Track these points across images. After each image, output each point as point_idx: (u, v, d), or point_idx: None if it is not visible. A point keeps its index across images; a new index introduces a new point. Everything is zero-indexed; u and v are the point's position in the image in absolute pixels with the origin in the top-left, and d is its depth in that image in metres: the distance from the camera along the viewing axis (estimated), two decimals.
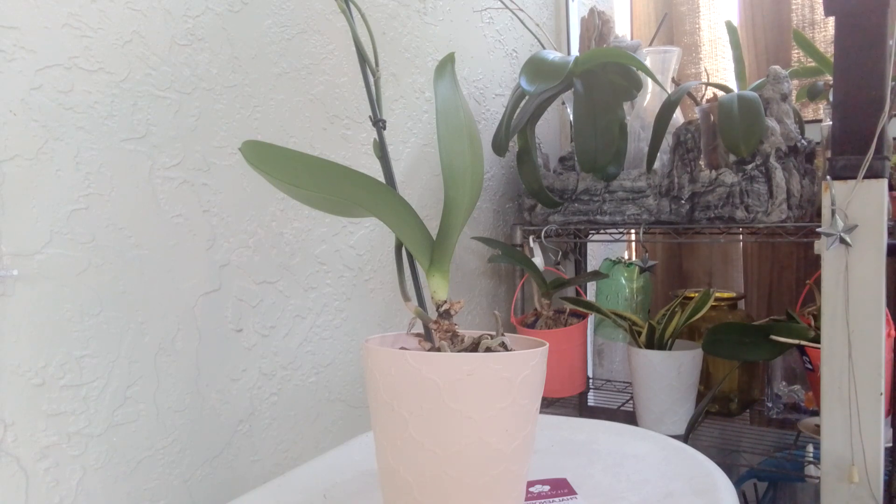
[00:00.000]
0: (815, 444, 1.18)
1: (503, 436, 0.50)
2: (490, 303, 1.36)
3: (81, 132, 0.68)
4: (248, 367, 0.86)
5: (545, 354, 0.52)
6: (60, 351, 0.67)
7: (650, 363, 1.19)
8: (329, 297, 0.97)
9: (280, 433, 0.90)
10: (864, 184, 0.87)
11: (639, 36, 1.77)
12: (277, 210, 0.89)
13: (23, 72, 0.63)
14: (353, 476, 0.68)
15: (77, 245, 0.68)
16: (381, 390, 0.50)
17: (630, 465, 0.69)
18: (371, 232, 1.04)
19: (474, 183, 0.54)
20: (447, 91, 0.56)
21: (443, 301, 0.54)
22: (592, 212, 1.26)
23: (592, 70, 1.15)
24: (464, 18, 1.26)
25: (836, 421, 0.90)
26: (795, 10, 1.57)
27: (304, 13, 0.92)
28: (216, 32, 0.81)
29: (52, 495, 0.66)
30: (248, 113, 0.85)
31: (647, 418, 1.22)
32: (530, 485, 0.63)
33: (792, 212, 1.09)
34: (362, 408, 1.02)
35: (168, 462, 0.77)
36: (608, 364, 1.73)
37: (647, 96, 1.35)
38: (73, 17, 0.67)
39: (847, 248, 0.87)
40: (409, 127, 1.12)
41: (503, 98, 1.38)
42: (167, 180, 0.76)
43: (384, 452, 0.52)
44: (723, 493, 0.61)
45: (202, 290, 0.80)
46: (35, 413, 0.65)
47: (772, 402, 1.35)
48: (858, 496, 0.89)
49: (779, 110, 1.11)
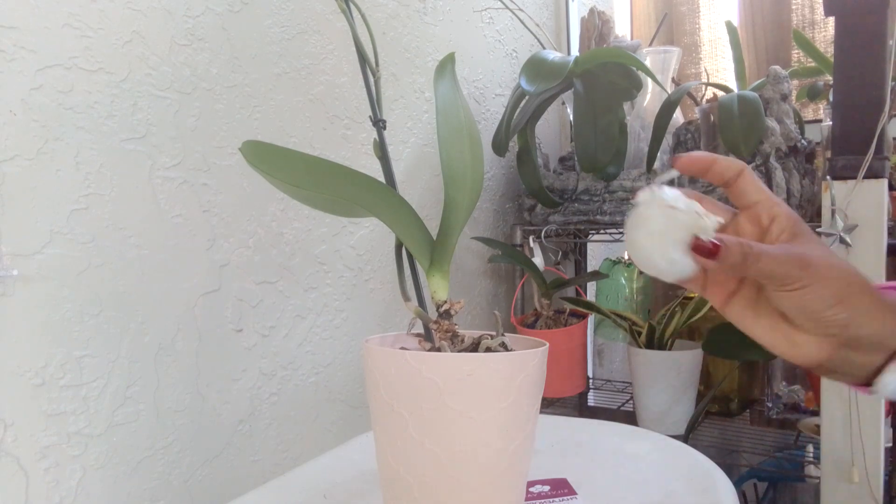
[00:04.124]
0: (815, 444, 1.18)
1: (503, 436, 0.50)
2: (490, 303, 1.36)
3: (81, 132, 0.68)
4: (248, 367, 0.86)
5: (545, 354, 0.52)
6: (60, 351, 0.67)
7: (650, 363, 1.19)
8: (329, 297, 0.97)
9: (280, 433, 0.90)
10: (864, 184, 0.87)
11: (639, 36, 1.77)
12: (277, 210, 0.89)
13: (23, 72, 0.63)
14: (353, 476, 0.68)
15: (77, 245, 0.68)
16: (381, 390, 0.50)
17: (630, 465, 0.69)
18: (371, 232, 1.04)
19: (474, 183, 0.54)
20: (447, 91, 0.56)
21: (443, 301, 0.54)
22: (592, 212, 1.26)
23: (592, 70, 1.15)
24: (464, 18, 1.26)
25: (836, 421, 0.90)
26: (795, 10, 1.57)
27: (304, 13, 0.92)
28: (216, 32, 0.81)
29: (52, 495, 0.66)
30: (248, 113, 0.85)
31: (647, 418, 1.22)
32: (530, 485, 0.63)
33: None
34: (362, 408, 1.02)
35: (168, 462, 0.77)
36: (608, 364, 1.73)
37: (647, 96, 1.35)
38: (73, 17, 0.67)
39: (847, 248, 0.87)
40: (409, 127, 1.12)
41: (503, 98, 1.38)
42: (167, 180, 0.76)
43: (384, 452, 0.52)
44: (723, 493, 0.61)
45: (202, 290, 0.80)
46: (35, 413, 0.65)
47: (772, 402, 1.35)
48: (858, 496, 0.89)
49: (779, 110, 1.11)
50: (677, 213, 0.40)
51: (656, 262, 0.41)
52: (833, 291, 0.39)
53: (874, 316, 0.40)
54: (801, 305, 0.40)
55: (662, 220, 0.40)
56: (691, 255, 0.40)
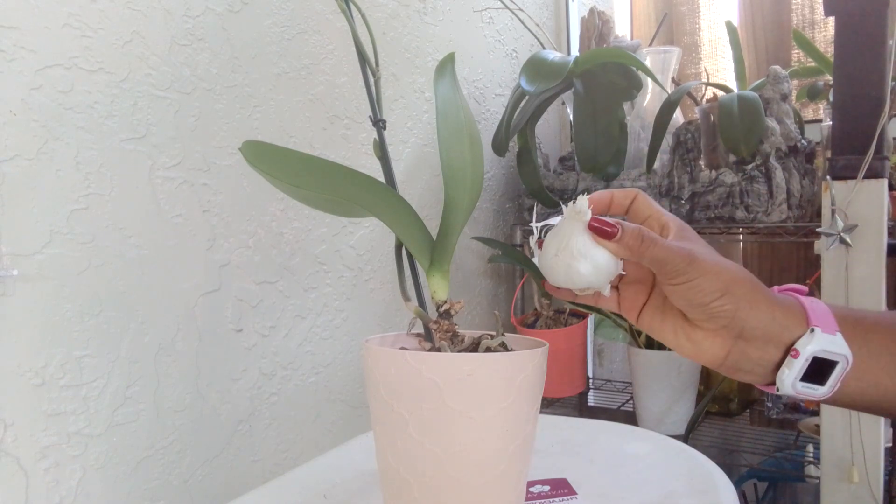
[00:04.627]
0: (815, 444, 1.18)
1: (503, 436, 0.50)
2: (490, 303, 1.36)
3: (81, 132, 0.68)
4: (248, 367, 0.86)
5: (545, 354, 0.52)
6: (60, 351, 0.67)
7: (650, 363, 1.19)
8: (329, 297, 0.97)
9: (280, 433, 0.90)
10: (864, 184, 0.87)
11: (639, 36, 1.77)
12: (277, 210, 0.89)
13: (23, 72, 0.63)
14: (353, 476, 0.68)
15: (77, 245, 0.68)
16: (381, 390, 0.50)
17: (630, 465, 0.69)
18: (371, 232, 1.03)
19: (474, 183, 0.54)
20: (447, 91, 0.56)
21: (443, 301, 0.54)
22: None
23: (592, 70, 1.15)
24: (464, 18, 1.26)
25: (836, 421, 0.90)
26: (795, 10, 1.57)
27: (304, 13, 0.92)
28: (216, 32, 0.81)
29: (52, 495, 0.66)
30: (248, 113, 0.85)
31: (647, 418, 1.22)
32: (530, 485, 0.63)
33: (792, 212, 1.09)
34: (362, 408, 1.02)
35: (168, 462, 0.77)
36: (608, 364, 1.73)
37: (647, 96, 1.35)
38: (73, 17, 0.67)
39: (847, 248, 0.87)
40: (409, 127, 1.12)
41: (503, 98, 1.38)
42: (167, 180, 0.76)
43: (384, 452, 0.52)
44: (723, 493, 0.61)
45: (202, 290, 0.80)
46: (35, 413, 0.65)
47: (772, 402, 1.35)
48: (858, 496, 0.89)
49: (779, 110, 1.11)
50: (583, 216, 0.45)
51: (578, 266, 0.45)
52: (717, 285, 0.43)
53: (761, 308, 0.44)
54: (689, 298, 0.44)
55: (569, 226, 0.45)
56: (591, 236, 0.45)
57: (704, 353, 0.45)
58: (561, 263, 0.45)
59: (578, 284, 0.46)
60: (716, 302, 0.43)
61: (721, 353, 0.45)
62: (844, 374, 0.44)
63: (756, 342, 0.44)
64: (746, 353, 0.45)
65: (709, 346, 0.45)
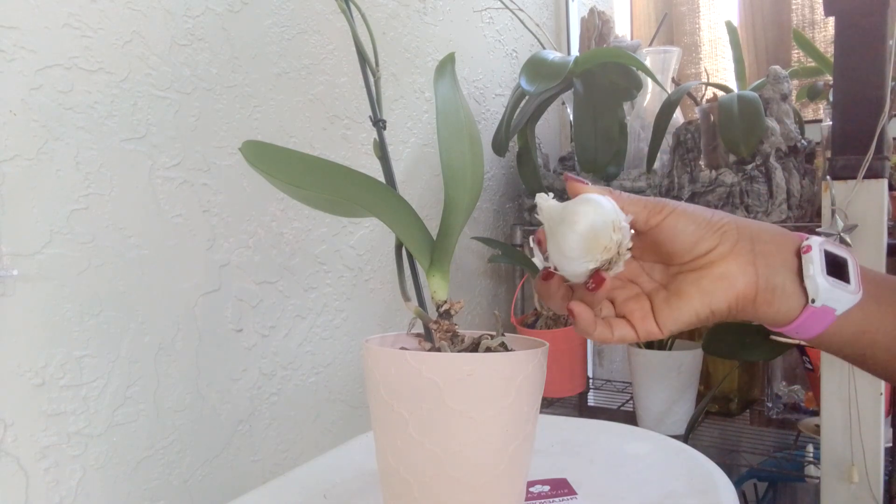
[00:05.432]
0: (815, 444, 1.18)
1: (503, 436, 0.50)
2: (490, 303, 1.36)
3: (81, 132, 0.68)
4: (248, 367, 0.86)
5: (545, 354, 0.52)
6: (60, 351, 0.67)
7: (650, 363, 1.19)
8: (329, 297, 0.97)
9: (280, 433, 0.90)
10: (864, 184, 0.87)
11: (639, 36, 1.77)
12: (277, 210, 0.89)
13: (23, 72, 0.63)
14: (353, 476, 0.68)
15: (77, 245, 0.68)
16: (381, 390, 0.50)
17: (630, 465, 0.69)
18: (371, 232, 1.04)
19: (474, 183, 0.54)
20: (447, 91, 0.56)
21: (443, 301, 0.54)
22: None
23: (592, 70, 1.15)
24: (464, 18, 1.26)
25: (836, 421, 0.90)
26: (795, 10, 1.57)
27: (304, 13, 0.92)
28: (216, 32, 0.81)
29: (52, 495, 0.66)
30: (248, 113, 0.85)
31: (647, 418, 1.22)
32: (530, 485, 0.63)
33: (792, 212, 1.09)
34: (362, 408, 1.02)
35: (168, 462, 0.77)
36: (608, 364, 1.73)
37: (647, 96, 1.35)
38: (73, 17, 0.67)
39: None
40: (409, 127, 1.12)
41: (503, 98, 1.38)
42: (167, 180, 0.76)
43: (384, 452, 0.52)
44: (723, 493, 0.61)
45: (202, 290, 0.80)
46: (35, 413, 0.65)
47: (772, 402, 1.35)
48: (858, 496, 0.89)
49: (779, 110, 1.11)
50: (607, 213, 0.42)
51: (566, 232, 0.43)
52: (701, 211, 0.44)
53: (757, 219, 0.46)
54: (685, 224, 0.44)
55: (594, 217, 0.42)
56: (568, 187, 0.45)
57: (738, 281, 0.44)
58: (558, 237, 0.43)
59: (572, 252, 0.42)
60: (713, 217, 0.44)
61: (751, 271, 0.44)
62: (858, 271, 0.45)
63: (770, 247, 0.44)
64: (770, 263, 0.44)
65: (735, 269, 0.44)
